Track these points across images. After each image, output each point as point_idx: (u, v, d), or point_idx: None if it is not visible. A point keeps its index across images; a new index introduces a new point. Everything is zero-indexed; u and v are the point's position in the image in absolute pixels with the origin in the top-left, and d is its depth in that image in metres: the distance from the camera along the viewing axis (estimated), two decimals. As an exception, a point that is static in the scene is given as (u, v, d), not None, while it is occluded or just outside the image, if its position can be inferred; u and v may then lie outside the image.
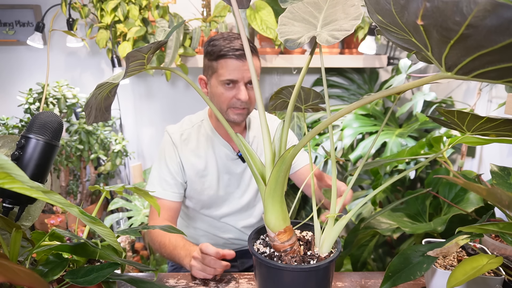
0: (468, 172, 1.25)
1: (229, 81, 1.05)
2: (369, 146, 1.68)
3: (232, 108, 1.09)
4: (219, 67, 1.06)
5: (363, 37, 1.89)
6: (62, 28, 1.98)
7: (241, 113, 1.10)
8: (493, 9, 0.28)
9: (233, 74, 1.04)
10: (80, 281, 0.56)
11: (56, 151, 0.64)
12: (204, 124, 1.20)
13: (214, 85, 1.09)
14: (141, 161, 2.29)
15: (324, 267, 0.59)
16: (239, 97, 1.06)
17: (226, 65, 1.04)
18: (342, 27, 0.55)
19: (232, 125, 1.17)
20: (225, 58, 1.04)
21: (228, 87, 1.07)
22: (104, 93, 0.58)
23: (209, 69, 1.10)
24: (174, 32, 1.76)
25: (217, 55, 1.05)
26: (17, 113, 1.99)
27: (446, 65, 0.36)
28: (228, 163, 1.19)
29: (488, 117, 0.55)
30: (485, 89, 1.55)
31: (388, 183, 0.65)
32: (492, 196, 0.35)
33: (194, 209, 1.24)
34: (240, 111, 1.10)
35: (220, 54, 1.04)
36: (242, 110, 1.10)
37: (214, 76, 1.08)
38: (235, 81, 1.06)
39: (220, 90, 1.07)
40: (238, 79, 1.05)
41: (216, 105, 1.10)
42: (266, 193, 0.58)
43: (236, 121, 1.11)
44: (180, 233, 0.74)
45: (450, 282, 0.56)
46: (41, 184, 0.52)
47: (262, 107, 0.61)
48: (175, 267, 1.29)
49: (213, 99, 1.11)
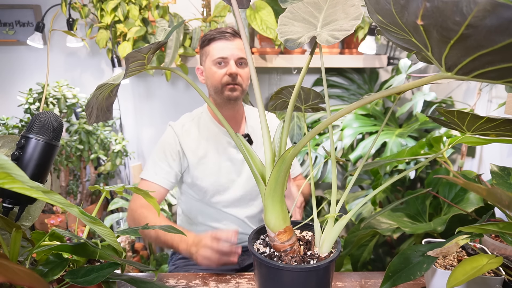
0: (468, 172, 1.25)
1: (220, 59, 1.16)
2: (369, 146, 1.68)
3: (225, 85, 1.17)
4: (210, 49, 1.18)
5: (363, 37, 1.89)
6: (62, 28, 1.99)
7: (234, 88, 1.17)
8: (493, 9, 0.28)
9: (223, 52, 1.16)
10: (80, 281, 0.56)
11: (56, 151, 0.64)
12: (203, 115, 1.28)
13: (208, 67, 1.19)
14: (141, 161, 2.29)
15: (324, 267, 0.59)
16: (230, 71, 1.15)
17: (216, 46, 1.17)
18: (342, 27, 0.55)
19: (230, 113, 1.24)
20: (215, 40, 1.17)
21: (220, 66, 1.17)
22: (105, 93, 0.58)
23: (203, 55, 1.22)
24: (174, 32, 1.76)
25: (208, 40, 1.19)
26: (17, 113, 1.99)
27: (446, 65, 0.36)
28: (229, 149, 1.24)
29: (488, 117, 0.55)
30: (485, 89, 1.55)
31: (388, 183, 0.65)
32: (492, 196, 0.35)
33: (197, 199, 1.25)
34: (233, 86, 1.17)
35: (210, 38, 1.18)
36: (235, 85, 1.17)
37: (208, 59, 1.19)
38: (225, 58, 1.16)
39: (213, 70, 1.18)
40: (228, 56, 1.16)
41: (212, 87, 1.20)
42: (266, 193, 0.58)
43: (231, 97, 1.18)
44: (181, 233, 0.74)
45: (450, 282, 0.56)
46: (41, 184, 0.52)
47: (262, 106, 0.61)
48: (176, 266, 1.29)
49: (209, 82, 1.21)
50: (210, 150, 1.22)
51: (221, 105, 1.22)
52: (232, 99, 1.19)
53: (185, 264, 1.28)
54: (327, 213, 0.66)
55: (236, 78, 1.16)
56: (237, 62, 1.17)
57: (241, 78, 1.18)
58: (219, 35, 1.17)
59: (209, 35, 1.19)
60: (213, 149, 1.23)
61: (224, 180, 1.23)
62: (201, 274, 0.92)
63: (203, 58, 1.22)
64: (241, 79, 1.18)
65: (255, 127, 1.31)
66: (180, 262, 1.30)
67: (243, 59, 1.19)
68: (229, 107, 1.22)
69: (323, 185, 2.29)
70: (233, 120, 1.28)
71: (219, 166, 1.22)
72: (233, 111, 1.25)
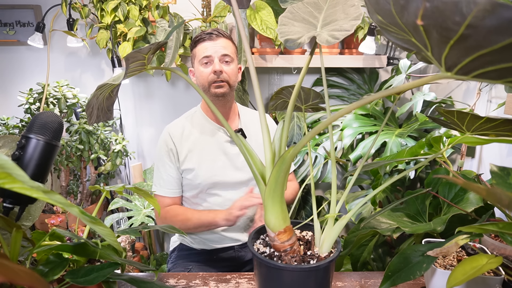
0: (467, 172, 1.25)
1: (205, 58, 1.20)
2: (369, 146, 1.68)
3: (212, 84, 1.20)
4: (196, 50, 1.23)
5: (363, 37, 1.89)
6: (62, 28, 1.99)
7: (220, 86, 1.20)
8: (492, 9, 0.28)
9: (207, 51, 1.19)
10: (80, 281, 0.56)
11: (56, 151, 0.64)
12: (196, 114, 1.31)
13: (197, 68, 1.23)
14: (141, 161, 2.29)
15: (324, 267, 0.59)
16: (214, 69, 1.18)
17: (202, 46, 1.21)
18: (342, 27, 0.55)
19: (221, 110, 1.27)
20: (200, 41, 1.22)
21: (206, 65, 1.21)
22: (106, 93, 0.58)
23: (192, 57, 1.26)
24: (174, 32, 1.76)
25: (195, 42, 1.23)
26: (17, 113, 1.99)
27: (446, 65, 0.36)
28: (224, 144, 1.27)
29: (487, 117, 0.55)
30: (484, 89, 1.55)
31: (388, 183, 0.65)
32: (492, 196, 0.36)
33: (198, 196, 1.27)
34: (219, 84, 1.20)
35: (196, 40, 1.23)
36: (220, 83, 1.20)
37: (195, 60, 1.24)
38: (209, 56, 1.19)
39: (200, 70, 1.22)
40: (211, 54, 1.19)
41: (201, 87, 1.23)
42: (266, 193, 0.59)
43: (218, 94, 1.20)
44: (181, 233, 0.74)
45: (449, 282, 0.56)
46: (41, 184, 0.52)
47: (262, 106, 0.61)
48: (175, 264, 1.30)
49: (198, 82, 1.24)
50: (205, 146, 1.25)
51: (213, 103, 1.24)
52: (219, 96, 1.21)
53: (183, 262, 1.29)
54: (327, 213, 0.66)
55: (221, 74, 1.19)
56: (221, 59, 1.20)
57: (227, 74, 1.20)
58: (205, 35, 1.21)
59: (196, 37, 1.23)
60: (207, 145, 1.26)
61: (219, 174, 1.25)
62: (201, 274, 0.92)
63: (192, 60, 1.27)
64: (226, 75, 1.20)
65: (248, 124, 1.34)
66: (179, 260, 1.31)
67: (227, 56, 1.21)
68: (219, 104, 1.25)
69: (323, 185, 2.29)
70: (228, 116, 1.31)
71: (213, 161, 1.25)
72: (224, 108, 1.27)
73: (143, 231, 2.18)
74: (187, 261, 1.29)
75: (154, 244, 2.23)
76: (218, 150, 1.26)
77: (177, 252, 1.34)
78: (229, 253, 1.30)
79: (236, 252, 1.30)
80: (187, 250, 1.32)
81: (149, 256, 2.13)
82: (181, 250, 1.34)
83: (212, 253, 1.29)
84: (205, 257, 1.29)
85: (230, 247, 1.30)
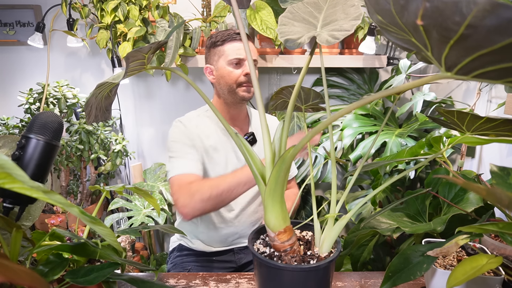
0: (467, 172, 1.25)
1: (236, 59, 1.18)
2: (369, 146, 1.68)
3: (240, 86, 1.19)
4: (225, 49, 1.19)
5: (363, 37, 1.89)
6: (62, 28, 1.99)
7: (249, 90, 1.20)
8: (492, 9, 0.28)
9: (240, 53, 1.18)
10: (80, 281, 0.56)
11: (56, 151, 0.64)
12: (209, 113, 1.29)
13: (222, 67, 1.20)
14: (141, 161, 2.29)
15: (324, 267, 0.59)
16: (246, 72, 1.18)
17: (232, 46, 1.19)
18: (342, 27, 0.55)
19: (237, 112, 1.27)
20: (231, 40, 1.19)
21: (236, 66, 1.19)
22: (105, 92, 0.58)
23: (215, 55, 1.22)
24: (174, 32, 1.76)
25: (223, 40, 1.19)
26: (17, 113, 1.99)
27: (446, 65, 0.36)
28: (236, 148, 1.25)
29: (487, 117, 0.55)
30: (484, 89, 1.55)
31: (388, 183, 0.65)
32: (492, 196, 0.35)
33: None
34: (247, 86, 1.20)
35: (225, 38, 1.19)
36: (249, 85, 1.20)
37: (222, 58, 1.20)
38: (241, 59, 1.19)
39: (228, 69, 1.19)
40: (244, 58, 1.19)
41: (224, 86, 1.21)
42: (266, 193, 0.59)
43: (246, 98, 1.21)
44: (181, 233, 0.74)
45: (450, 282, 0.56)
46: (41, 184, 0.52)
47: (262, 106, 0.61)
48: (174, 264, 1.30)
49: (222, 81, 1.21)
50: (218, 142, 1.24)
51: (231, 104, 1.24)
52: (246, 99, 1.22)
53: (182, 261, 1.29)
54: (327, 213, 0.66)
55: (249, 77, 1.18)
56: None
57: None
58: (235, 35, 1.19)
59: (222, 35, 1.20)
60: (221, 141, 1.24)
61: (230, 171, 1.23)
62: (201, 274, 0.92)
63: (214, 58, 1.22)
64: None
65: (259, 127, 1.33)
66: (178, 260, 1.31)
67: (256, 61, 1.24)
68: (238, 106, 1.25)
69: (323, 185, 2.29)
70: (240, 118, 1.30)
71: (226, 158, 1.24)
72: (240, 110, 1.28)
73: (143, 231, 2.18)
74: (186, 262, 1.29)
75: (154, 244, 2.23)
76: (231, 148, 1.25)
77: (176, 253, 1.34)
78: (228, 255, 1.30)
79: (236, 254, 1.30)
80: (186, 251, 1.32)
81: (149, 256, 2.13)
82: (181, 250, 1.34)
83: (212, 255, 1.29)
84: (204, 258, 1.29)
85: (229, 250, 1.30)
